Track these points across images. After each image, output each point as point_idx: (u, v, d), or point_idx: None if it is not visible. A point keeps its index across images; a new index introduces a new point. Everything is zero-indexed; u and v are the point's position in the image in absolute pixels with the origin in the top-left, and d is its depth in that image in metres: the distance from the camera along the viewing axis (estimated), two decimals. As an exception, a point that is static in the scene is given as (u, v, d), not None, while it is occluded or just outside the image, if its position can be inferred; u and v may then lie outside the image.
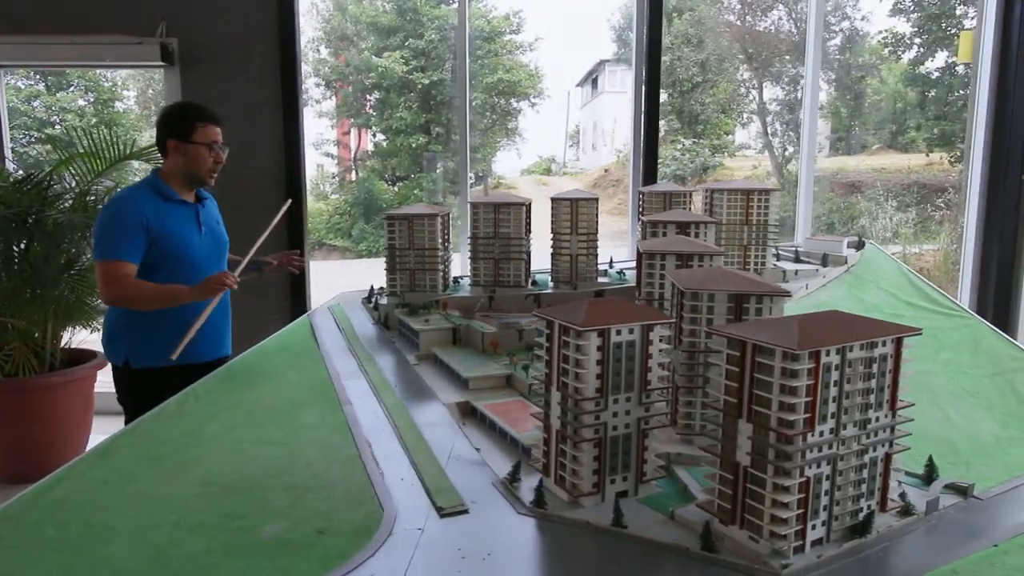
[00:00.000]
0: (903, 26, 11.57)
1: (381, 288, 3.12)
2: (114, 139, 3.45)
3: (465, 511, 1.36)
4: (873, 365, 1.21)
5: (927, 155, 12.27)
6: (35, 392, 3.44)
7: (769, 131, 13.76)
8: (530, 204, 2.81)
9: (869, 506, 1.27)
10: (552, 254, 2.81)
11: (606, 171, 21.67)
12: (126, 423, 2.56)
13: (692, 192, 2.75)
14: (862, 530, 1.23)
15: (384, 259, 2.85)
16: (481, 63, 14.60)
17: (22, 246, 3.30)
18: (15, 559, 1.20)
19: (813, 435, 1.15)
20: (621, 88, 22.89)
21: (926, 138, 12.14)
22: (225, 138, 2.50)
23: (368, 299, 3.04)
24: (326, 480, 1.49)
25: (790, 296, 1.59)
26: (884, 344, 1.22)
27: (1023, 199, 3.63)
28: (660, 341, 1.40)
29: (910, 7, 11.36)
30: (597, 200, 2.75)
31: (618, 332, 1.35)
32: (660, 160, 15.88)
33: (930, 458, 1.44)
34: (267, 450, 1.65)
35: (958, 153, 11.22)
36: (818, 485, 1.18)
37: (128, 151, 3.44)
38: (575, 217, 2.73)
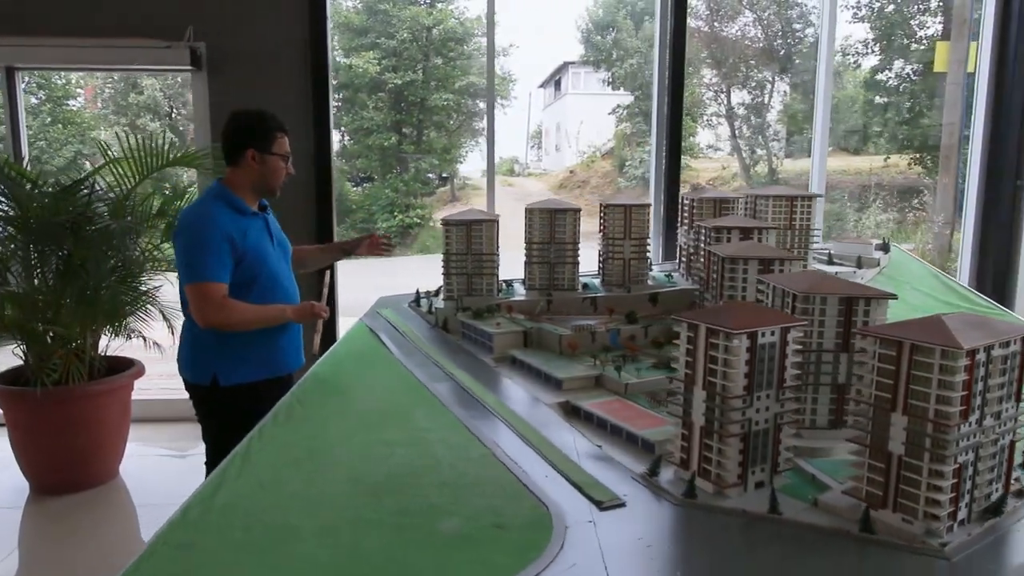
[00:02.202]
0: (863, 33, 12.06)
1: (427, 291, 3.18)
2: (154, 144, 3.40)
3: (623, 504, 1.45)
4: (1008, 361, 1.34)
5: (885, 159, 12.81)
6: (80, 401, 3.39)
7: (737, 134, 14.16)
8: (579, 210, 2.90)
9: (998, 488, 1.40)
10: (605, 258, 2.91)
11: (572, 172, 21.92)
12: (204, 438, 2.57)
13: (738, 199, 2.88)
14: (995, 510, 1.36)
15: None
16: (453, 65, 14.65)
17: (63, 253, 3.23)
18: (219, 561, 1.24)
19: (965, 426, 1.28)
20: (585, 90, 23.20)
21: (887, 142, 12.64)
22: None
23: (416, 303, 3.10)
24: (473, 478, 1.56)
25: (896, 298, 1.73)
26: (1015, 343, 1.35)
27: (1017, 204, 3.90)
28: (793, 342, 1.51)
29: (869, 15, 11.85)
30: (650, 207, 2.86)
31: (762, 334, 1.46)
32: (628, 162, 16.14)
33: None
34: (399, 451, 1.70)
35: (918, 156, 11.75)
36: (965, 470, 1.31)
37: (169, 157, 3.40)
38: (628, 222, 2.84)
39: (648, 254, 2.89)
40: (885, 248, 3.15)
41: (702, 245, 2.57)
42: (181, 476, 3.88)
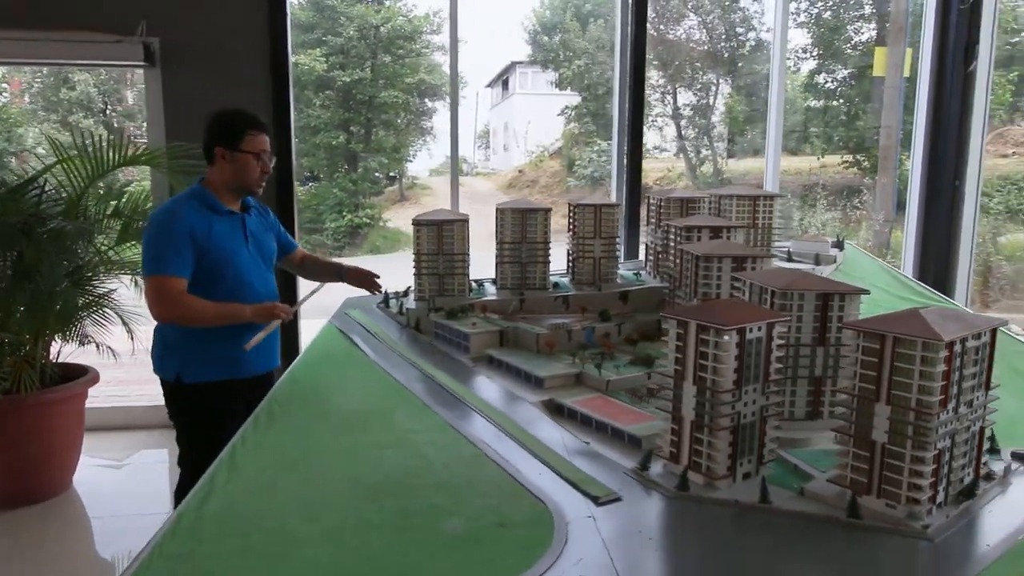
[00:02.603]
0: (802, 38, 12.48)
1: (396, 292, 3.15)
2: (111, 142, 3.27)
3: (619, 499, 1.48)
4: (979, 352, 1.42)
5: (819, 157, 13.28)
6: (32, 409, 3.23)
7: (683, 135, 14.47)
8: (550, 210, 2.93)
9: (969, 472, 1.48)
10: (575, 257, 2.94)
11: (520, 172, 22.01)
12: (178, 439, 2.51)
13: (704, 199, 2.95)
14: (969, 493, 1.44)
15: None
16: (402, 63, 14.53)
17: (13, 255, 3.08)
18: (222, 570, 1.22)
19: (944, 414, 1.35)
20: (533, 90, 23.33)
21: (823, 143, 13.10)
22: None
23: (384, 303, 3.07)
24: (469, 478, 1.57)
25: (868, 293, 1.80)
26: (985, 335, 1.44)
27: (956, 203, 4.12)
28: (777, 337, 1.56)
29: (807, 22, 12.27)
30: (620, 207, 2.91)
31: (750, 330, 1.50)
32: (577, 162, 16.33)
33: (992, 431, 1.68)
34: (389, 453, 1.69)
35: (852, 158, 12.22)
36: (943, 456, 1.38)
37: (125, 156, 3.27)
38: (598, 222, 2.88)
39: (618, 253, 2.94)
40: (840, 246, 3.28)
41: (672, 244, 2.63)
42: (137, 487, 3.76)
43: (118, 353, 3.58)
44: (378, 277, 2.85)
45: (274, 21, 3.79)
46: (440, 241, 2.82)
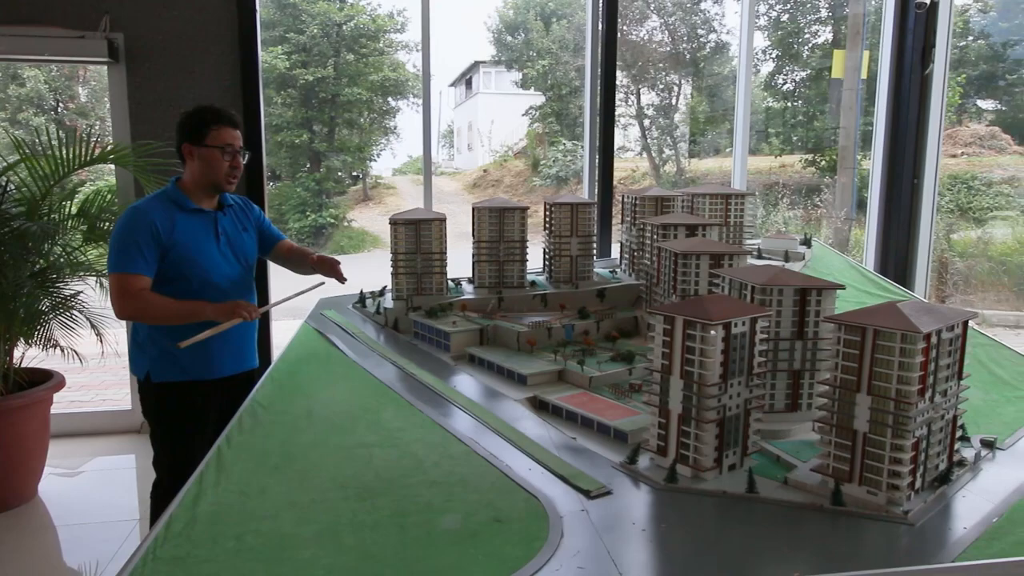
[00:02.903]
0: (761, 41, 12.72)
1: (372, 292, 3.14)
2: (77, 140, 3.17)
3: (609, 492, 1.50)
4: (952, 343, 1.48)
5: (777, 156, 13.58)
6: None
7: (646, 135, 14.64)
8: (527, 209, 2.95)
9: (943, 459, 1.54)
10: (552, 255, 2.96)
11: (485, 171, 22.01)
12: (152, 438, 2.46)
13: (677, 197, 3.00)
14: (943, 479, 1.50)
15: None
16: (365, 61, 14.41)
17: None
18: (220, 571, 1.20)
19: (922, 403, 1.40)
20: (497, 89, 23.35)
21: (781, 143, 13.40)
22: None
23: (360, 303, 3.06)
24: (460, 475, 1.57)
25: (844, 288, 1.86)
26: (958, 327, 1.50)
27: (915, 200, 4.26)
28: (761, 331, 1.61)
29: (767, 25, 12.53)
30: (595, 205, 2.94)
31: (735, 325, 1.54)
32: (543, 161, 16.41)
33: (962, 419, 1.75)
34: (379, 452, 1.69)
35: (811, 157, 12.51)
36: (921, 444, 1.44)
37: (92, 154, 3.18)
38: (575, 220, 2.91)
39: (594, 251, 2.97)
40: (807, 243, 3.36)
41: (648, 242, 2.67)
42: (104, 494, 3.67)
43: (84, 357, 3.48)
44: (338, 263, 2.76)
45: (243, 16, 3.73)
46: (418, 240, 2.82)
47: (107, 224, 3.25)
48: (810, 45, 12.51)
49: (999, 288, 7.00)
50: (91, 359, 3.53)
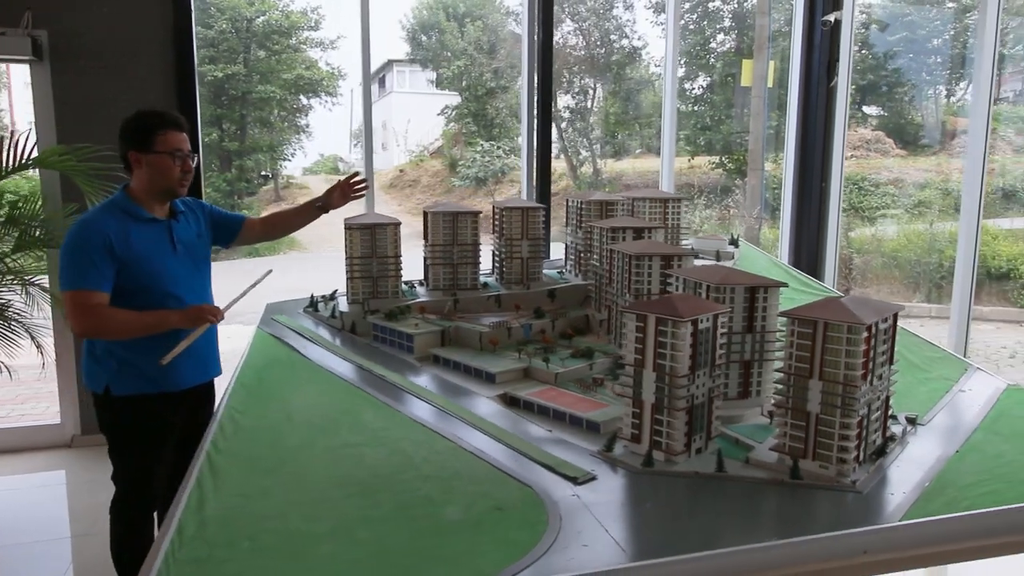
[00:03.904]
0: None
1: (323, 296, 3.16)
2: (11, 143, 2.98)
3: (594, 478, 1.63)
4: (886, 333, 1.69)
5: (690, 160, 14.20)
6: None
7: (563, 136, 14.95)
8: (480, 213, 3.05)
9: (879, 435, 1.75)
10: (503, 258, 3.07)
11: (401, 171, 21.85)
12: (111, 452, 2.40)
13: (620, 201, 3.17)
14: (880, 452, 1.71)
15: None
16: (278, 58, 14.05)
17: None
18: (247, 569, 1.25)
19: (865, 386, 1.60)
20: (411, 88, 23.20)
21: (688, 145, 13.99)
22: (110, 144, 2.36)
23: (312, 308, 3.07)
24: (452, 470, 1.66)
25: (787, 286, 2.06)
26: (889, 319, 1.71)
27: (824, 201, 4.63)
28: (721, 326, 1.77)
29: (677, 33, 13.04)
30: (545, 209, 3.07)
31: (701, 321, 1.70)
32: (461, 162, 16.47)
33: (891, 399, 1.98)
34: (368, 451, 1.75)
35: (719, 159, 13.16)
36: (864, 423, 1.64)
37: (27, 157, 3.00)
38: (525, 224, 3.03)
39: (543, 253, 3.10)
40: (735, 243, 3.61)
41: (595, 244, 2.82)
42: (37, 511, 3.51)
43: (14, 369, 3.31)
44: (354, 173, 2.79)
45: (178, 14, 3.63)
46: (373, 244, 2.86)
47: (37, 231, 3.11)
48: (715, 52, 13.14)
49: (892, 281, 7.67)
50: (23, 371, 3.36)
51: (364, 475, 1.63)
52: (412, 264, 3.13)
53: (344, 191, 2.79)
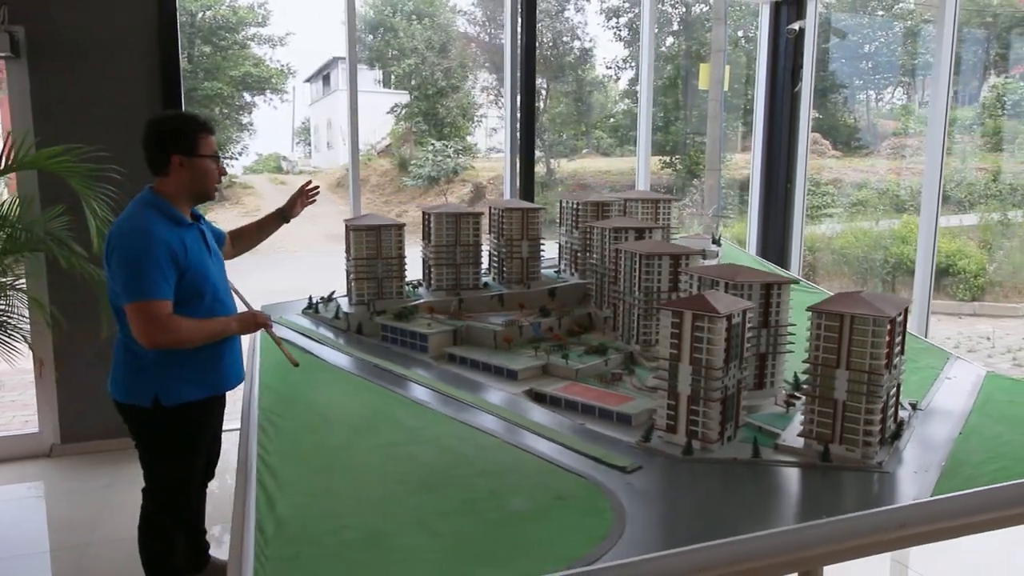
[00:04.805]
0: (622, 51, 13.57)
1: (322, 298, 3.15)
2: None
3: (640, 467, 1.71)
4: (900, 325, 1.83)
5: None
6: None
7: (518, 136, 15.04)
8: (482, 215, 3.11)
9: (893, 420, 1.89)
10: (503, 258, 3.13)
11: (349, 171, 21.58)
12: (147, 464, 2.35)
13: (614, 202, 3.27)
14: (896, 435, 1.85)
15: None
16: (224, 54, 13.70)
17: None
18: (343, 564, 1.28)
19: (887, 375, 1.73)
20: (358, 86, 22.88)
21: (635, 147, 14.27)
22: (94, 143, 2.34)
23: (313, 310, 3.07)
24: (503, 464, 1.72)
25: (799, 283, 2.19)
26: (903, 312, 1.85)
27: (789, 201, 4.86)
28: (749, 321, 1.88)
29: (627, 36, 13.35)
30: (544, 210, 3.14)
31: (734, 316, 1.81)
32: (414, 161, 16.39)
33: (891, 387, 2.13)
34: (415, 450, 1.79)
35: (669, 159, 13.49)
36: (885, 408, 1.77)
37: (18, 158, 2.87)
38: (525, 224, 3.10)
39: (542, 253, 3.17)
40: (717, 242, 3.76)
41: (596, 243, 2.91)
42: (15, 524, 3.39)
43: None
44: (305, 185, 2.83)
45: (162, 12, 3.54)
46: (379, 245, 2.89)
47: (23, 234, 2.99)
48: (665, 56, 13.46)
49: (841, 277, 8.06)
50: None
51: (421, 472, 1.67)
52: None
53: (303, 200, 2.84)
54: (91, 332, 3.73)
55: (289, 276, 10.64)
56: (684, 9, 12.26)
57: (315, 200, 2.89)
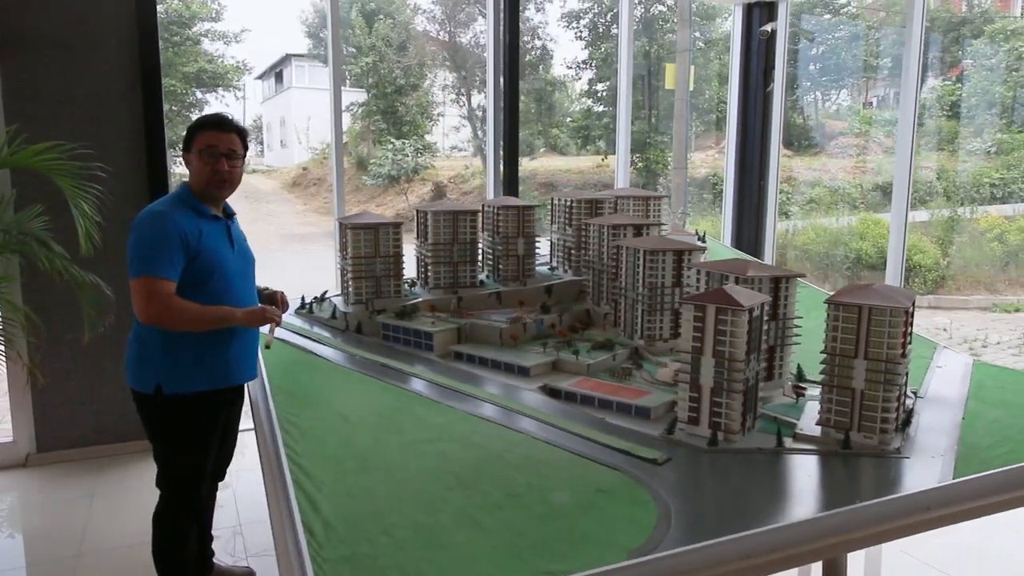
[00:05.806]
0: (582, 52, 13.68)
1: (315, 297, 3.10)
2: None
3: (669, 459, 1.74)
4: (911, 316, 1.90)
5: (604, 158, 14.67)
6: None
7: (479, 135, 15.04)
8: (479, 212, 3.10)
9: (902, 407, 1.96)
10: (499, 255, 3.13)
11: (305, 169, 21.21)
12: (157, 457, 2.29)
13: (606, 200, 3.30)
14: (907, 422, 1.92)
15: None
16: (176, 50, 13.32)
17: None
18: (401, 560, 1.27)
19: (902, 365, 1.80)
20: (311, 84, 22.52)
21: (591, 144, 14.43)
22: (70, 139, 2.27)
23: (307, 310, 3.02)
24: (535, 459, 1.72)
25: (804, 276, 2.25)
26: (914, 303, 1.92)
27: (762, 198, 4.98)
28: (763, 315, 1.93)
29: (588, 36, 13.47)
30: (537, 207, 3.16)
31: (754, 309, 1.85)
32: (373, 160, 16.25)
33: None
34: (445, 447, 1.78)
35: (631, 158, 13.64)
36: (901, 396, 1.84)
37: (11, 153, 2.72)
38: (521, 223, 3.10)
39: (537, 251, 3.19)
40: (702, 239, 3.83)
41: (592, 240, 2.94)
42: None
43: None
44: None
45: (140, 6, 3.42)
46: (376, 244, 2.86)
47: (1, 235, 2.86)
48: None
49: (805, 272, 8.32)
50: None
51: (456, 469, 1.66)
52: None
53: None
54: (67, 337, 3.60)
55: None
56: (644, 9, 12.42)
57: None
